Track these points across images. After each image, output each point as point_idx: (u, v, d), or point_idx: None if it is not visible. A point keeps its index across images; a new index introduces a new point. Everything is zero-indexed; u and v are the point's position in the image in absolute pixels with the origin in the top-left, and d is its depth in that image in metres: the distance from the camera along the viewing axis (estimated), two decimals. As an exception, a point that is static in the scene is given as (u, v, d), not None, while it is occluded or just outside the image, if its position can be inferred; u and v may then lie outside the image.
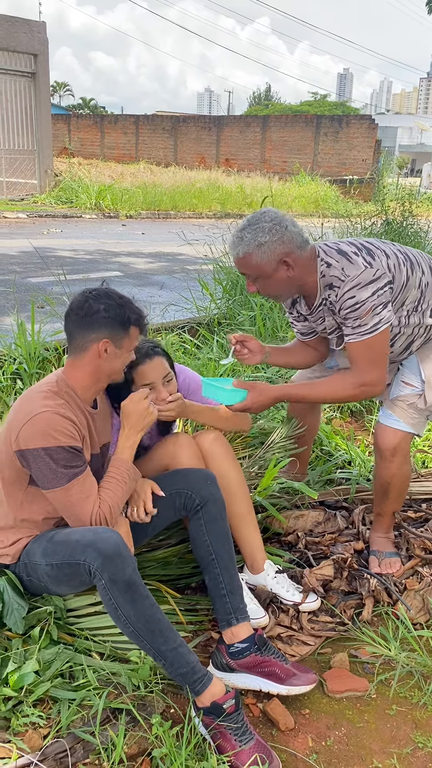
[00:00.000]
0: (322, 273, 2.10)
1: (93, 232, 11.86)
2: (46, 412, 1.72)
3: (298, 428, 2.64)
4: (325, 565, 2.25)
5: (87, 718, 1.67)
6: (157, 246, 10.40)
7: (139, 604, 1.65)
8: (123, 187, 16.05)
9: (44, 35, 15.30)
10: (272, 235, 2.02)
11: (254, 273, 2.08)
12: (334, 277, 2.07)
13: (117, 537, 1.71)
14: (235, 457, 2.20)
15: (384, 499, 2.38)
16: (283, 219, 2.05)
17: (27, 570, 1.86)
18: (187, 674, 1.66)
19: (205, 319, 4.75)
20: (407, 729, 1.79)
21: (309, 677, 1.83)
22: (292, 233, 2.04)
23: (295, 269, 2.08)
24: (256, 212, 2.08)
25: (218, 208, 16.08)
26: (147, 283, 7.29)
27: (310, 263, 2.10)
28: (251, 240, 2.02)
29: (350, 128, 22.64)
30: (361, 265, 2.04)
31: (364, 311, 2.02)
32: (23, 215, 13.39)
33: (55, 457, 1.71)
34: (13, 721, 1.64)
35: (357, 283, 2.02)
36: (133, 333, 1.84)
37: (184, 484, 1.96)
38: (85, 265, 8.19)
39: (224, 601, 1.88)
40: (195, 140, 26.33)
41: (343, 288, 2.04)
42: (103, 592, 1.66)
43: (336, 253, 2.09)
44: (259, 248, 2.02)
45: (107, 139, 28.42)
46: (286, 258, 2.05)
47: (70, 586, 1.84)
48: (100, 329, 1.78)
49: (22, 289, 6.42)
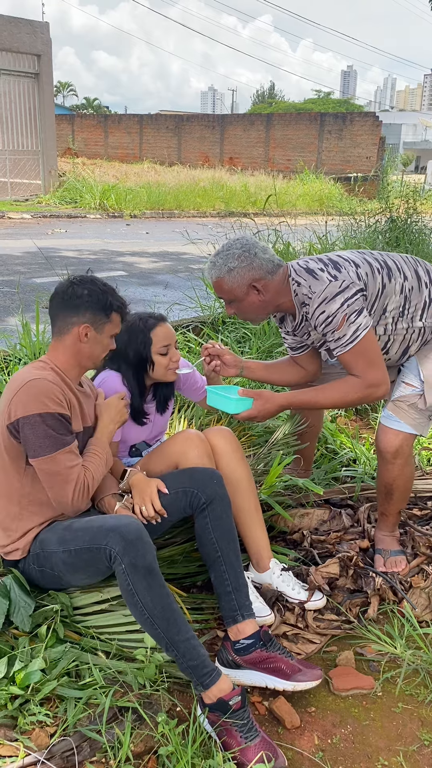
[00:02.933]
0: (295, 292, 2.19)
1: (97, 231, 11.88)
2: (38, 380, 1.79)
3: (301, 424, 2.64)
4: (330, 564, 2.26)
5: (93, 717, 1.67)
6: (162, 245, 10.41)
7: (156, 591, 1.68)
8: (127, 187, 16.07)
9: (47, 36, 15.33)
10: (240, 261, 2.12)
11: (227, 297, 2.19)
12: (304, 296, 2.16)
13: (139, 524, 1.74)
14: (244, 455, 2.22)
15: (388, 500, 2.38)
16: (253, 246, 2.15)
17: (39, 560, 1.87)
18: (197, 667, 1.67)
19: (209, 319, 4.75)
20: (413, 727, 1.79)
21: (314, 673, 1.83)
22: (261, 260, 2.14)
23: (266, 294, 2.17)
24: (230, 239, 2.20)
25: (222, 206, 16.08)
26: (151, 283, 7.30)
27: (282, 286, 2.19)
28: (222, 265, 2.14)
29: (354, 126, 22.59)
30: (326, 279, 2.10)
31: (338, 323, 2.07)
32: (27, 216, 13.43)
33: (48, 423, 1.76)
34: (20, 720, 1.65)
35: (324, 298, 2.09)
36: (114, 319, 1.90)
37: (191, 483, 1.97)
38: (90, 265, 8.20)
39: (230, 598, 1.89)
40: (199, 139, 26.32)
41: (312, 305, 2.12)
42: (122, 577, 1.68)
43: (304, 272, 2.17)
44: (229, 273, 2.13)
45: (111, 139, 28.45)
46: (255, 283, 2.14)
47: (86, 574, 1.85)
48: (83, 313, 1.86)
49: (27, 290, 6.44)
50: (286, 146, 24.13)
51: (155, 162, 24.07)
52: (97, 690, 1.72)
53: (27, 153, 15.90)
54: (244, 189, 17.34)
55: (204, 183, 17.87)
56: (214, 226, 8.74)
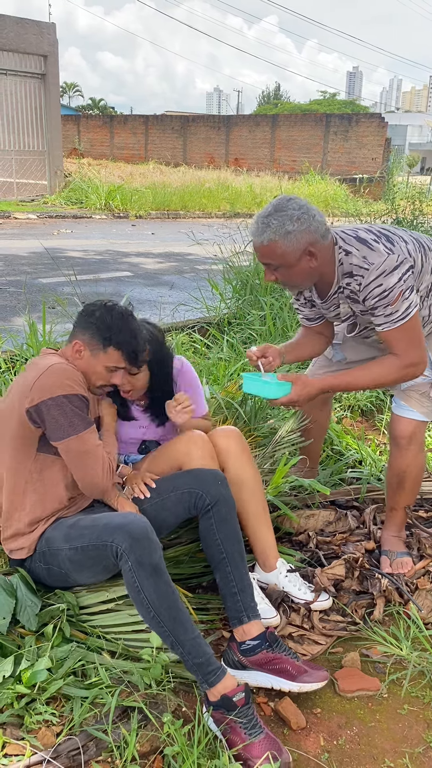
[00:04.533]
0: (340, 261, 2.06)
1: (103, 232, 11.90)
2: (61, 364, 1.85)
3: (304, 419, 2.64)
4: (336, 565, 2.25)
5: (99, 716, 1.67)
6: (167, 246, 10.42)
7: (162, 589, 1.68)
8: (132, 188, 16.08)
9: (54, 36, 15.35)
10: (300, 223, 1.96)
11: (277, 262, 2.02)
12: (354, 266, 2.03)
13: (146, 522, 1.76)
14: (251, 455, 2.21)
15: (399, 491, 2.37)
16: (310, 207, 2.00)
17: (45, 558, 1.88)
18: (202, 665, 1.68)
19: (215, 319, 4.75)
20: (419, 729, 1.79)
21: (320, 674, 1.83)
22: (318, 222, 2.00)
23: (318, 259, 2.03)
24: (281, 198, 2.01)
25: (228, 207, 16.07)
26: (157, 283, 7.31)
27: (330, 252, 2.06)
28: (278, 227, 1.95)
29: (360, 127, 22.56)
30: (383, 251, 2.00)
31: (393, 298, 1.99)
32: (33, 216, 13.45)
33: (75, 404, 1.81)
34: (26, 719, 1.65)
35: (382, 270, 1.98)
36: (111, 353, 1.91)
37: (195, 484, 1.97)
38: (96, 266, 8.22)
39: (235, 599, 1.89)
40: (204, 140, 26.33)
41: (368, 277, 2.00)
42: (129, 575, 1.69)
43: (355, 241, 2.05)
44: (286, 237, 1.96)
45: (117, 140, 28.48)
46: (312, 248, 1.99)
47: (92, 572, 1.86)
48: (84, 332, 1.92)
49: (33, 290, 6.45)
50: (291, 147, 24.11)
51: (161, 163, 24.08)
52: (103, 689, 1.72)
53: (33, 153, 15.93)
54: (249, 190, 17.33)
55: (209, 184, 17.87)
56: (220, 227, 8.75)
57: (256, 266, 5.12)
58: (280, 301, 4.57)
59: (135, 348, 1.93)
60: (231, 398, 3.05)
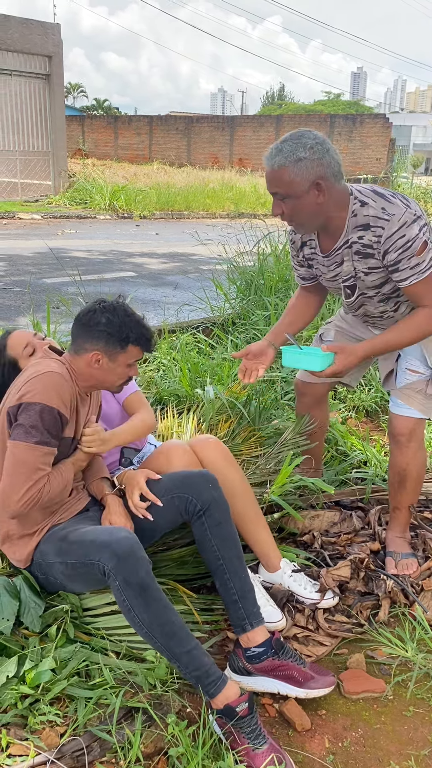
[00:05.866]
0: (354, 212, 2.02)
1: (107, 232, 11.91)
2: (56, 374, 1.80)
3: (309, 424, 2.63)
4: (341, 566, 2.24)
5: (104, 717, 1.67)
6: (171, 246, 10.42)
7: (152, 606, 1.65)
8: (137, 188, 16.10)
9: (59, 37, 15.38)
10: (313, 153, 1.91)
11: (284, 191, 1.96)
12: (372, 217, 1.99)
13: (132, 538, 1.71)
14: (234, 460, 2.17)
15: (401, 490, 2.36)
16: (326, 142, 1.95)
17: (42, 569, 1.87)
18: (201, 677, 1.65)
19: (219, 319, 4.75)
20: (425, 731, 1.78)
21: (327, 680, 1.81)
22: (332, 158, 1.95)
23: (326, 196, 1.97)
24: (300, 129, 1.98)
25: (232, 208, 16.08)
26: (161, 284, 7.31)
27: (342, 197, 2.02)
28: (290, 153, 1.91)
29: (364, 127, 22.53)
30: (401, 204, 1.98)
31: (417, 248, 1.97)
32: (38, 216, 13.47)
33: (45, 417, 1.75)
34: (30, 719, 1.65)
35: (404, 221, 1.96)
36: (131, 351, 1.88)
37: (184, 488, 1.90)
38: (100, 266, 8.22)
39: (237, 607, 1.85)
40: (208, 140, 26.32)
41: (389, 228, 1.97)
42: (117, 594, 1.67)
43: (372, 193, 2.02)
44: (296, 164, 1.91)
45: (121, 140, 28.49)
46: (320, 180, 1.94)
47: (86, 584, 1.85)
48: (97, 341, 1.85)
49: (38, 290, 6.46)
50: (295, 147, 24.07)
51: (165, 163, 24.10)
52: (107, 690, 1.72)
53: (37, 154, 15.96)
54: (253, 190, 17.33)
55: (213, 184, 17.89)
56: (224, 227, 8.73)
57: (261, 266, 5.11)
58: (285, 302, 4.56)
59: (148, 336, 1.89)
60: (235, 398, 3.05)
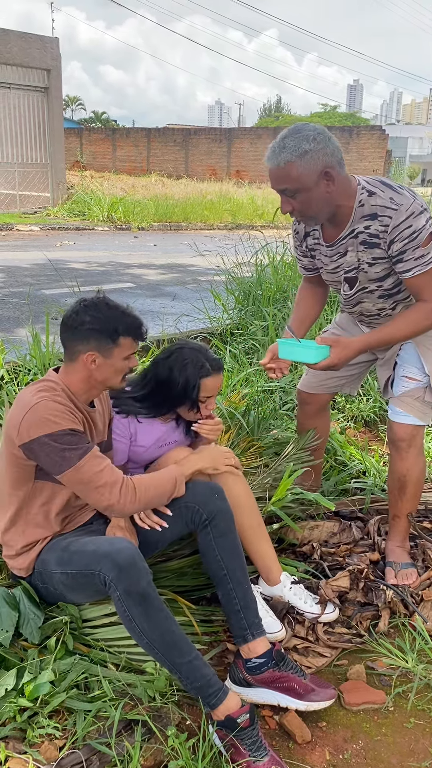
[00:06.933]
0: (361, 202, 2.02)
1: (105, 244, 11.95)
2: (43, 401, 1.74)
3: (314, 440, 2.63)
4: (341, 577, 2.24)
5: (103, 730, 1.66)
6: (169, 257, 10.46)
7: (153, 616, 1.65)
8: (135, 200, 16.18)
9: (57, 51, 15.52)
10: (317, 143, 1.89)
11: (294, 186, 1.94)
12: (379, 207, 1.99)
13: (133, 548, 1.71)
14: (241, 471, 2.18)
15: (401, 496, 2.36)
16: (326, 131, 1.94)
17: (42, 578, 1.87)
18: (202, 688, 1.65)
19: (217, 330, 4.76)
20: (426, 742, 1.77)
21: (328, 692, 1.80)
22: (334, 146, 1.94)
23: (335, 185, 1.96)
24: (296, 124, 1.96)
25: (230, 219, 16.14)
26: (159, 294, 7.33)
27: (347, 186, 2.01)
28: (294, 147, 1.89)
29: (361, 139, 22.70)
30: (408, 195, 1.98)
31: (423, 239, 1.98)
32: (36, 228, 13.52)
33: (60, 441, 1.72)
34: (29, 733, 1.64)
35: (411, 212, 1.96)
36: (124, 343, 1.81)
37: (191, 498, 1.91)
38: (98, 277, 8.25)
39: (239, 617, 1.85)
40: (206, 152, 26.48)
41: (397, 217, 1.97)
42: (118, 604, 1.66)
43: (380, 184, 2.03)
44: (303, 157, 1.89)
45: (119, 152, 28.64)
46: (329, 169, 1.93)
47: (86, 594, 1.85)
48: (87, 341, 1.80)
49: (36, 301, 6.47)
50: (293, 159, 24.21)
51: (163, 175, 24.23)
52: (106, 702, 1.71)
53: (36, 166, 16.06)
54: (251, 202, 17.42)
55: (211, 196, 17.98)
56: (222, 238, 8.77)
57: (259, 277, 5.13)
58: (283, 312, 4.57)
59: (136, 323, 1.83)
60: (234, 408, 3.05)
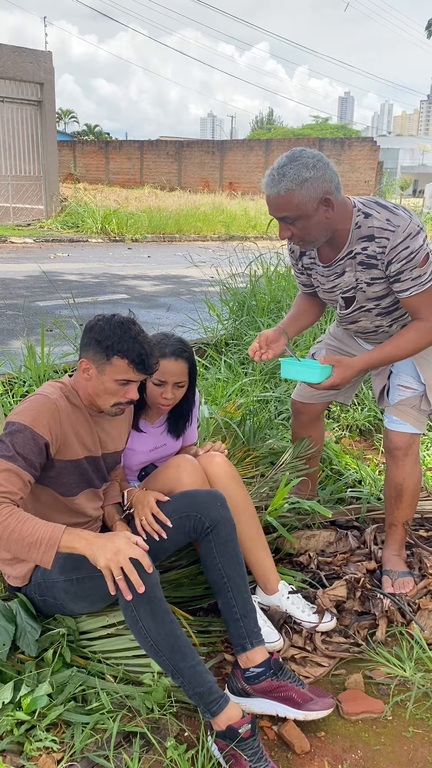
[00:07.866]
0: (358, 224, 2.03)
1: (99, 255, 11.98)
2: (47, 398, 1.79)
3: (309, 448, 2.64)
4: (338, 586, 2.24)
5: (101, 742, 1.65)
6: (163, 269, 10.49)
7: (159, 618, 1.65)
8: (128, 212, 16.23)
9: (50, 64, 15.61)
10: (316, 171, 1.90)
11: (294, 213, 1.95)
12: (376, 228, 2.00)
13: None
14: (241, 479, 2.19)
15: (397, 505, 2.37)
16: (323, 157, 1.96)
17: (40, 590, 1.85)
18: (204, 694, 1.64)
19: (212, 340, 4.77)
20: (424, 751, 1.77)
21: (326, 702, 1.80)
22: (332, 172, 1.95)
23: (334, 210, 1.98)
24: (294, 149, 1.96)
25: (223, 230, 16.21)
26: (154, 305, 7.34)
27: (345, 209, 2.03)
28: (294, 176, 1.89)
29: (352, 150, 22.88)
30: (404, 216, 2.00)
31: (420, 260, 1.99)
32: (30, 240, 13.54)
33: (17, 436, 1.70)
34: (26, 746, 1.62)
35: (408, 233, 1.97)
36: (117, 363, 1.78)
37: (194, 507, 1.93)
38: (93, 289, 8.25)
39: (238, 625, 1.86)
40: (199, 164, 26.64)
41: (395, 238, 1.98)
42: (125, 606, 1.66)
43: (376, 205, 2.04)
44: (303, 185, 1.90)
45: (112, 165, 28.78)
46: (328, 196, 1.94)
47: (88, 602, 1.83)
48: (87, 348, 1.84)
49: (31, 313, 6.48)
50: (285, 171, 24.36)
51: (156, 187, 24.35)
52: (104, 715, 1.70)
53: (29, 179, 16.11)
54: (244, 213, 17.51)
55: (204, 207, 18.06)
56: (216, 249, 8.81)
57: (253, 288, 5.15)
58: (277, 322, 4.59)
59: (140, 352, 1.78)
60: (229, 419, 3.06)
